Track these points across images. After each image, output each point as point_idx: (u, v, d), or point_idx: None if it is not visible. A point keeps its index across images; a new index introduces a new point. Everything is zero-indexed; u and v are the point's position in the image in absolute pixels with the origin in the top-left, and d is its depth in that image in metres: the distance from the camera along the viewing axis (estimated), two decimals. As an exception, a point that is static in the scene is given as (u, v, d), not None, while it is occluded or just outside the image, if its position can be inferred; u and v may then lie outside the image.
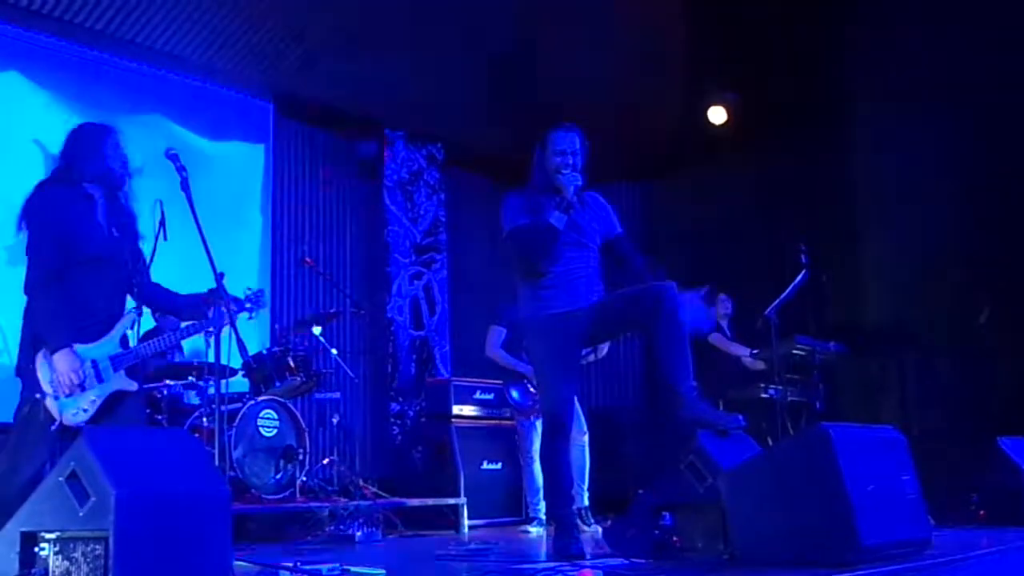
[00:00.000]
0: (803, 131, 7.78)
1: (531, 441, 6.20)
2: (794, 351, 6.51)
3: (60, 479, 2.75)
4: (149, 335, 4.39)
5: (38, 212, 3.81)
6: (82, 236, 3.79)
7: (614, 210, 4.42)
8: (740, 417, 3.94)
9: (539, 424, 5.93)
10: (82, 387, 3.73)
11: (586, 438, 6.20)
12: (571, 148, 4.22)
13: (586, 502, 6.09)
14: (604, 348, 6.27)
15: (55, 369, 3.69)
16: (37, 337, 3.76)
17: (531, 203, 4.20)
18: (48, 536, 2.76)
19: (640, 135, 8.67)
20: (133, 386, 3.89)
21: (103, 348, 3.84)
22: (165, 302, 4.21)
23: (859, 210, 7.79)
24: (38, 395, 3.71)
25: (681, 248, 8.74)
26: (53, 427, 3.70)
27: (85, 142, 3.92)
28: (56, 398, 3.71)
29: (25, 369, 3.79)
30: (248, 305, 4.37)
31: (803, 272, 6.37)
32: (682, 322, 3.96)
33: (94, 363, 3.79)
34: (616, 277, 4.33)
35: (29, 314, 3.80)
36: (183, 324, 4.26)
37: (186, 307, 4.20)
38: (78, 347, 3.74)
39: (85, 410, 3.74)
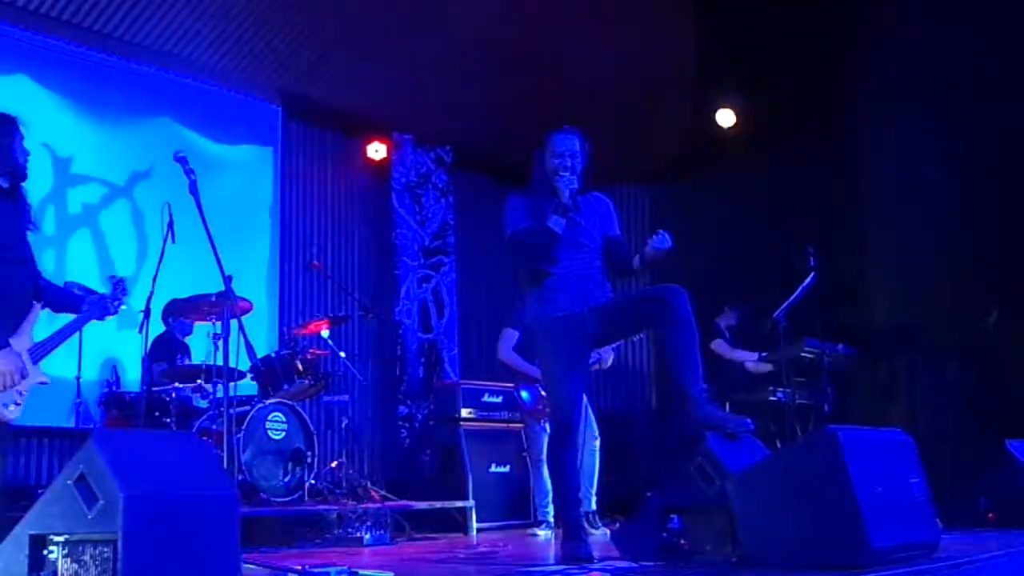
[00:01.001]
0: (810, 134, 7.76)
1: (541, 444, 6.19)
2: (802, 354, 6.50)
3: (69, 482, 2.75)
4: None
5: None
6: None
7: (616, 213, 4.42)
8: (748, 420, 3.93)
9: (549, 427, 5.94)
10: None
11: (597, 443, 6.20)
12: (569, 151, 4.20)
13: (593, 506, 6.09)
14: (609, 359, 6.27)
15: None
16: None
17: (531, 205, 4.21)
18: (57, 539, 2.76)
19: (648, 138, 8.67)
20: (47, 378, 3.91)
21: (21, 342, 3.82)
22: (49, 295, 4.13)
23: (867, 212, 7.76)
24: None
25: (688, 251, 8.70)
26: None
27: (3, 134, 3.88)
28: None
29: None
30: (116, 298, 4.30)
31: (811, 275, 6.36)
32: (693, 325, 3.96)
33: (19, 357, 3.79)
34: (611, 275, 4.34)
35: None
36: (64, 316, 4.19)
37: (61, 301, 4.16)
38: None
39: (17, 404, 3.76)
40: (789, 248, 6.57)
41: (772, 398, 6.86)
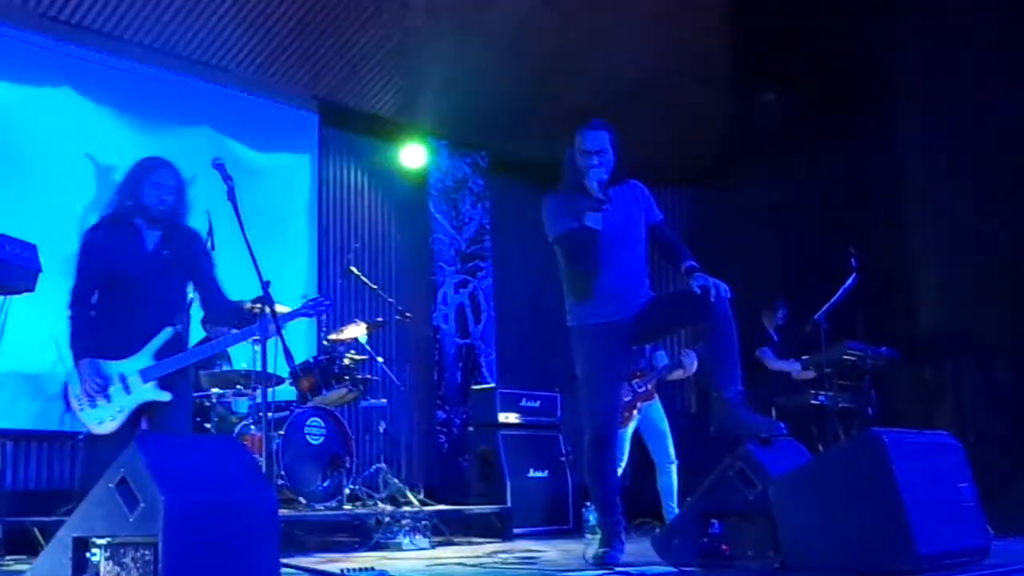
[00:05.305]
0: (853, 131, 7.67)
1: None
2: (845, 356, 6.41)
3: (110, 485, 2.77)
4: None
5: (85, 249, 4.16)
6: (121, 266, 4.06)
7: (652, 196, 4.38)
8: (781, 425, 3.88)
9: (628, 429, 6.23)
10: (107, 398, 3.97)
11: (674, 467, 6.30)
12: (597, 147, 4.15)
13: None
14: (693, 364, 6.28)
15: (80, 378, 3.96)
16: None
17: (568, 204, 4.16)
18: (99, 541, 2.79)
19: (686, 139, 8.61)
20: (166, 396, 4.05)
21: (135, 363, 4.04)
22: (224, 310, 4.40)
23: (911, 211, 7.65)
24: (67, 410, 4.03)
25: (729, 253, 8.63)
26: (80, 436, 4.07)
27: (131, 178, 4.21)
28: (81, 409, 3.98)
29: None
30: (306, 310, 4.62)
31: (853, 276, 6.28)
32: (732, 325, 3.91)
33: (122, 376, 4.01)
34: (658, 262, 4.31)
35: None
36: (232, 331, 4.39)
37: (239, 315, 4.39)
38: (109, 363, 3.99)
39: (113, 418, 3.97)
40: (831, 249, 6.49)
41: (814, 401, 6.78)
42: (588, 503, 6.59)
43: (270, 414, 5.31)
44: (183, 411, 4.26)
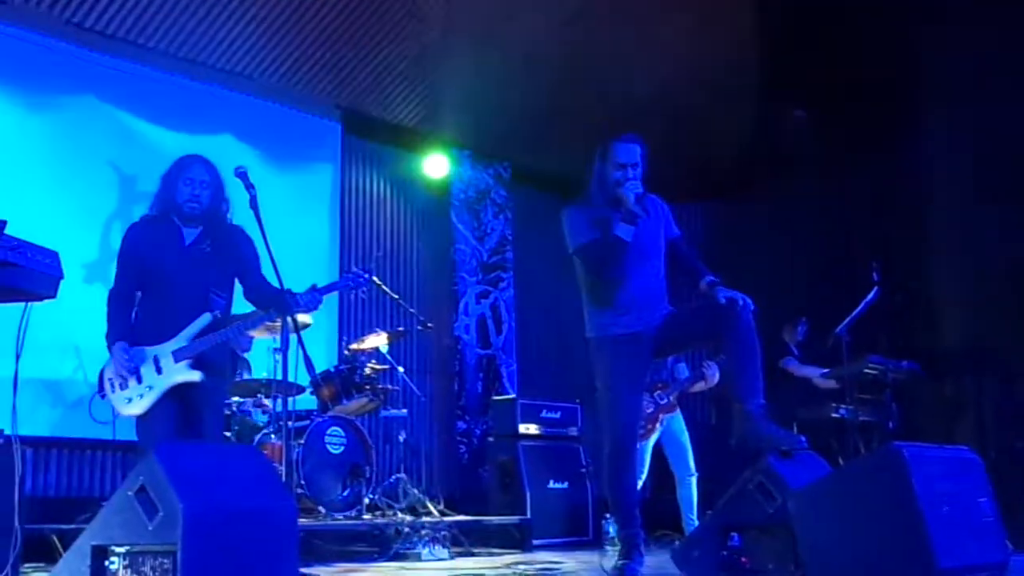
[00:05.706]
0: (875, 145, 7.63)
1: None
2: (866, 370, 6.38)
3: (129, 493, 2.79)
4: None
5: (123, 245, 4.28)
6: (158, 260, 4.16)
7: (672, 211, 4.36)
8: (802, 438, 3.85)
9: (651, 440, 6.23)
10: (138, 378, 4.04)
11: (694, 479, 6.30)
12: (631, 160, 4.12)
13: None
14: (714, 376, 6.27)
15: (113, 361, 4.05)
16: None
17: (592, 216, 4.14)
18: (118, 549, 2.80)
19: (707, 153, 8.60)
20: (196, 376, 4.07)
21: (169, 345, 4.09)
22: (266, 297, 4.37)
23: (934, 226, 7.60)
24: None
25: (749, 267, 8.60)
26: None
27: (166, 178, 4.30)
28: (112, 391, 4.07)
29: None
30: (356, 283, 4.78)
31: (874, 290, 6.24)
32: (755, 338, 3.88)
33: (156, 358, 4.08)
34: (675, 278, 4.28)
35: None
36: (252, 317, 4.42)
37: (274, 302, 4.34)
38: (144, 347, 4.07)
39: (141, 396, 4.04)
40: (852, 262, 6.45)
41: (835, 415, 6.74)
42: (608, 515, 6.57)
43: (290, 423, 5.32)
44: (217, 394, 4.30)
